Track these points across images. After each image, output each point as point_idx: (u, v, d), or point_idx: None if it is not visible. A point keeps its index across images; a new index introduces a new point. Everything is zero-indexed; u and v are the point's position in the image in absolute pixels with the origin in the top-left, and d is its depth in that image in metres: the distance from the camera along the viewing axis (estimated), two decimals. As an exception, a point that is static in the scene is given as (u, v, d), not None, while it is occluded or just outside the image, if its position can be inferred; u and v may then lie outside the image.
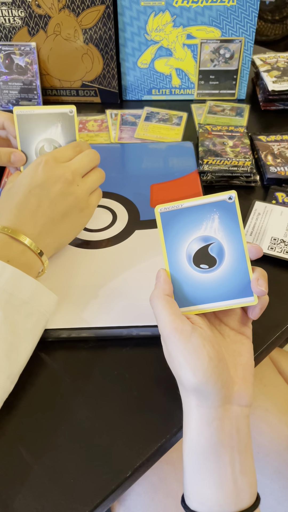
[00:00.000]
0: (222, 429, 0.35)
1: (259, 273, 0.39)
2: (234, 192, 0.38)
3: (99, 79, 0.82)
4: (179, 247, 0.39)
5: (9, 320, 0.39)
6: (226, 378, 0.36)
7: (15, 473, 0.37)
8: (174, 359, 0.36)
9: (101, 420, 0.41)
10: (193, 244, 0.39)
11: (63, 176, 0.47)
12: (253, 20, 0.75)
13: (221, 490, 0.35)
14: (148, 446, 0.39)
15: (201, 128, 0.73)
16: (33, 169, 0.48)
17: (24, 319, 0.41)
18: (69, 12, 0.74)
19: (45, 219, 0.46)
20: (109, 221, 0.57)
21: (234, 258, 0.39)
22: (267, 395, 0.65)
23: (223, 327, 0.40)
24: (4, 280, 0.40)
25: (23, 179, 0.48)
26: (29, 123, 0.53)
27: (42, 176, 0.47)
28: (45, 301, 0.43)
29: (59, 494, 0.36)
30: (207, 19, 0.75)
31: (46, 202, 0.46)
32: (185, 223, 0.39)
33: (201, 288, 0.39)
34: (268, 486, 0.57)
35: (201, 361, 0.34)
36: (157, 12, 0.74)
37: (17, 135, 0.53)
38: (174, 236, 0.39)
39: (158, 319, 0.37)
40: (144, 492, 0.56)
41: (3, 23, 0.76)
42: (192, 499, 0.36)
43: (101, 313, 0.46)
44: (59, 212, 0.47)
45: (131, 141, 0.74)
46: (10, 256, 0.43)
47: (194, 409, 0.36)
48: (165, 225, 0.39)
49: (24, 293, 0.41)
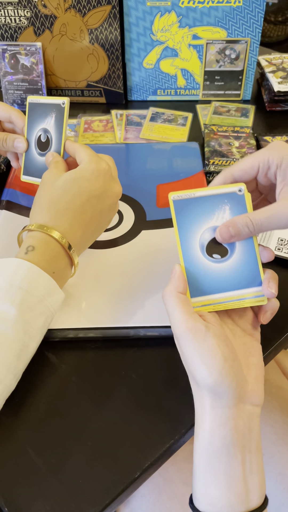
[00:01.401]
0: (236, 429, 0.35)
1: (270, 275, 0.39)
2: (244, 184, 0.38)
3: (104, 80, 0.81)
4: (192, 236, 0.39)
5: (23, 318, 0.39)
6: (241, 378, 0.36)
7: (22, 473, 0.37)
8: (188, 358, 0.35)
9: (108, 420, 0.40)
10: (205, 233, 0.39)
11: (118, 192, 0.48)
12: (259, 20, 0.75)
13: (232, 491, 0.35)
14: (156, 446, 0.39)
15: (206, 129, 0.73)
16: (95, 175, 0.46)
17: (36, 317, 0.40)
18: (75, 12, 0.74)
19: (90, 232, 0.46)
20: (116, 221, 0.57)
21: (244, 248, 0.39)
22: (271, 396, 0.65)
23: (235, 327, 0.40)
24: (20, 278, 0.39)
25: (83, 182, 0.46)
26: (34, 112, 0.54)
27: (102, 187, 0.46)
28: (55, 300, 0.42)
29: (67, 495, 0.36)
30: (213, 20, 0.75)
31: (98, 216, 0.46)
32: (198, 212, 0.39)
33: (214, 277, 0.39)
34: (272, 488, 0.57)
35: (216, 361, 0.34)
36: (163, 12, 0.74)
37: (25, 123, 0.54)
38: (187, 224, 0.39)
39: (171, 317, 0.37)
40: (149, 494, 0.56)
41: (9, 23, 0.76)
42: (202, 501, 0.36)
43: (108, 313, 0.46)
44: (102, 226, 0.48)
45: (137, 142, 0.73)
46: (56, 268, 0.42)
47: (208, 409, 0.35)
48: (178, 213, 0.39)
49: (40, 291, 0.40)
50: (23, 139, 0.54)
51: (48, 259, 0.42)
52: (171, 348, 0.39)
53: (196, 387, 0.37)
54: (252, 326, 0.41)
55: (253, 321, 0.41)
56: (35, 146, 0.54)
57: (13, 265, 0.40)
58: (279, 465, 0.58)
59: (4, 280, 0.39)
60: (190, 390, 0.37)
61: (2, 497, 0.36)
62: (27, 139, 0.54)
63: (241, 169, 0.40)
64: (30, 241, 0.43)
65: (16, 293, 0.39)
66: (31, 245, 0.42)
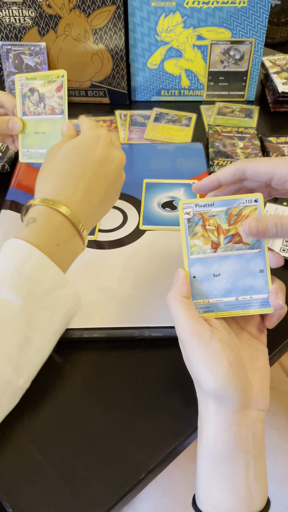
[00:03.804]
0: (240, 434, 0.35)
1: (278, 285, 0.39)
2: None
3: (108, 80, 0.81)
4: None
5: (27, 310, 0.37)
6: (245, 383, 0.35)
7: (27, 474, 0.37)
8: (193, 364, 0.35)
9: (113, 421, 0.40)
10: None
11: (120, 157, 0.46)
12: (264, 21, 0.74)
13: (234, 495, 0.35)
14: (161, 448, 0.39)
15: (211, 129, 0.73)
16: (93, 141, 0.44)
17: (41, 310, 0.38)
18: (80, 12, 0.74)
19: (98, 201, 0.43)
20: (120, 222, 0.57)
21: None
22: (275, 399, 0.64)
23: (241, 330, 0.40)
24: (30, 267, 0.38)
25: (82, 149, 0.44)
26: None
27: (103, 152, 0.44)
28: (64, 294, 0.40)
29: (72, 496, 0.36)
30: (217, 20, 0.75)
31: (103, 182, 0.44)
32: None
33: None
34: (276, 491, 0.57)
35: (221, 367, 0.34)
36: (167, 13, 0.74)
37: (17, 102, 0.54)
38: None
39: (176, 322, 0.36)
40: (152, 495, 0.56)
41: (13, 23, 0.76)
42: (205, 502, 0.36)
43: (112, 314, 0.46)
44: (110, 195, 0.45)
45: (141, 142, 0.73)
46: (60, 240, 0.40)
47: (213, 415, 0.35)
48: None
49: (47, 283, 0.38)
50: (18, 119, 0.53)
51: (50, 230, 0.40)
52: (176, 349, 0.38)
53: (201, 391, 0.36)
54: (258, 329, 0.41)
55: (260, 325, 0.41)
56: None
57: (24, 251, 0.38)
58: (284, 468, 0.58)
59: (13, 266, 0.38)
60: (194, 391, 0.37)
61: (7, 497, 0.36)
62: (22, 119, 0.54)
63: (256, 170, 0.39)
64: (31, 214, 0.41)
65: (23, 282, 0.37)
66: (32, 217, 0.40)
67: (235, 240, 0.38)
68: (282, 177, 0.38)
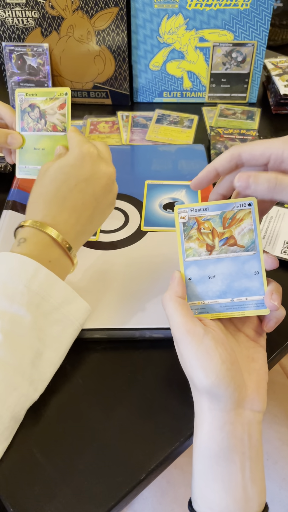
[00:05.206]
0: (234, 433, 0.35)
1: (274, 287, 0.39)
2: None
3: (110, 81, 0.82)
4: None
5: (38, 325, 0.39)
6: (239, 382, 0.35)
7: (28, 474, 0.37)
8: (186, 361, 0.35)
9: (113, 422, 0.40)
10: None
11: (109, 172, 0.45)
12: (266, 24, 0.75)
13: (230, 496, 0.35)
14: (161, 448, 0.39)
15: (212, 131, 0.73)
16: (80, 159, 0.45)
17: (51, 325, 0.39)
18: (83, 13, 0.74)
19: (87, 218, 0.44)
20: (121, 223, 0.57)
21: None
22: (276, 401, 0.64)
23: (238, 333, 0.40)
24: (38, 283, 0.39)
25: (68, 168, 0.44)
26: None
27: (90, 170, 0.44)
28: (75, 308, 0.41)
29: (72, 496, 0.36)
30: (220, 22, 0.75)
31: (90, 200, 0.44)
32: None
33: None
34: (276, 493, 0.57)
35: (213, 363, 0.34)
36: (170, 14, 0.75)
37: (16, 117, 0.54)
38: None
39: (170, 321, 0.37)
40: (152, 496, 0.56)
41: (16, 24, 0.76)
42: (200, 503, 0.36)
43: (113, 314, 0.46)
44: (100, 211, 0.45)
45: (142, 143, 0.73)
46: (52, 257, 0.41)
47: (207, 412, 0.35)
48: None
49: (56, 299, 0.40)
50: (18, 134, 0.53)
51: (41, 248, 0.41)
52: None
53: (195, 389, 0.36)
54: (256, 332, 0.41)
55: (257, 328, 0.41)
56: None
57: (31, 268, 0.39)
58: (284, 471, 0.58)
59: (22, 283, 0.39)
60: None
61: (8, 498, 0.36)
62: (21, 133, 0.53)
63: (251, 153, 0.38)
64: (22, 234, 0.42)
65: (33, 298, 0.38)
66: (23, 237, 0.42)
67: (230, 243, 0.39)
68: (278, 157, 0.37)
